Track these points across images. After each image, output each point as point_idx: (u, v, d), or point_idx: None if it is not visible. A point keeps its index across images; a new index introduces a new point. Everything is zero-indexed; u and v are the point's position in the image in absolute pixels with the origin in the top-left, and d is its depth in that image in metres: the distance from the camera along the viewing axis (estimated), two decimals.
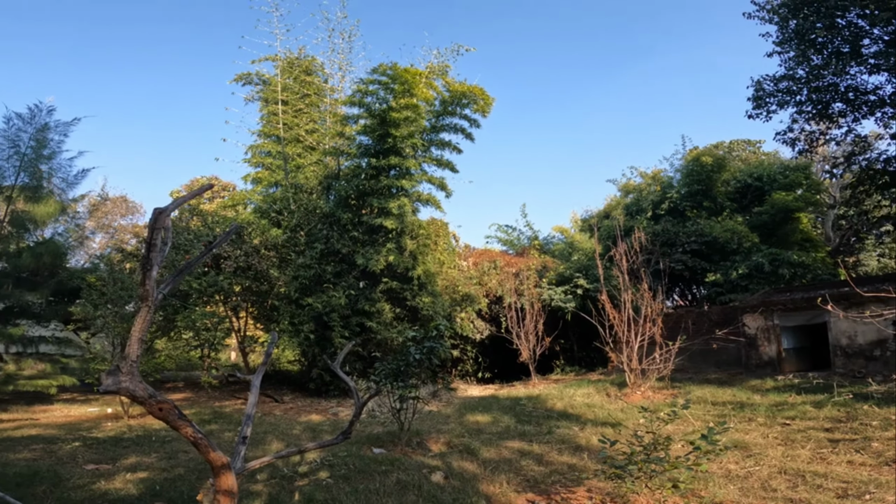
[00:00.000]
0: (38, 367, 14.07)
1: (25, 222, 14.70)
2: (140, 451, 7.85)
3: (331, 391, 14.54)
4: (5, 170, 14.34)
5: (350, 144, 17.78)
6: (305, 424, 10.41)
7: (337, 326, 13.99)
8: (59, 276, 14.84)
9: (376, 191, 15.58)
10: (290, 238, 15.68)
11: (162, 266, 12.53)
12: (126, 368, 3.29)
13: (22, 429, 9.71)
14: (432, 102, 17.02)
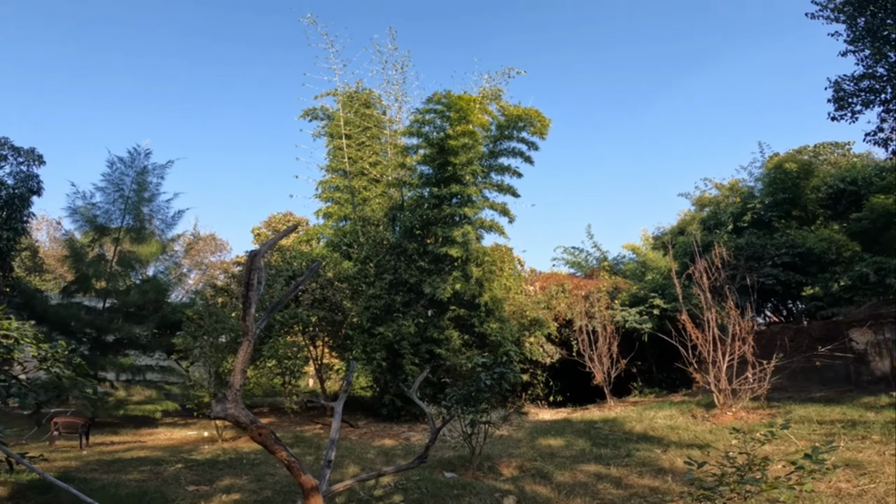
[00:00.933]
0: (145, 393, 15.58)
1: (131, 262, 16.54)
2: (233, 474, 8.40)
3: (402, 416, 14.82)
4: (112, 213, 16.23)
5: (412, 175, 18.23)
6: (379, 448, 10.69)
7: (407, 354, 14.36)
8: (163, 310, 16.49)
9: (440, 220, 15.93)
10: (360, 270, 16.41)
11: None
12: (231, 396, 3.71)
13: (132, 451, 10.64)
14: (488, 128, 17.19)
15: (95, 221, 16.01)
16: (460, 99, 15.69)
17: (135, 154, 16.53)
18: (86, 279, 15.68)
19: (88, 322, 15.20)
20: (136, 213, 16.51)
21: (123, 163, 16.34)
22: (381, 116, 21.34)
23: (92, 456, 9.77)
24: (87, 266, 15.69)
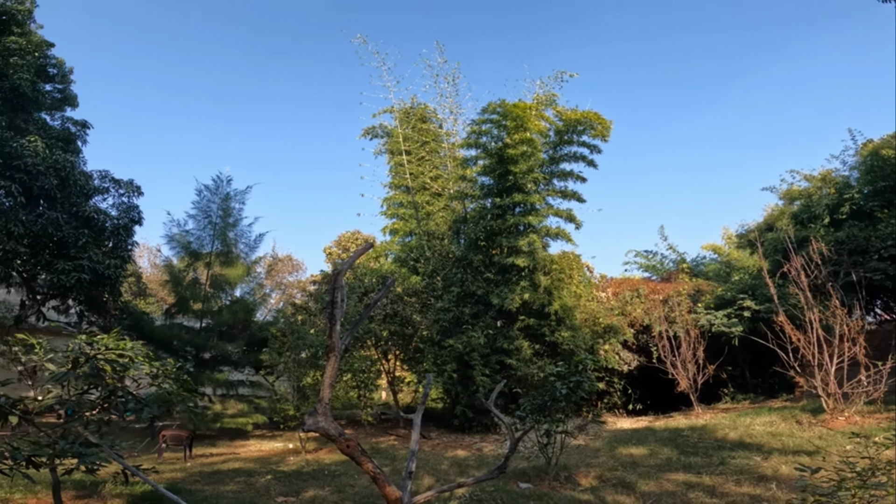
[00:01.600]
0: (237, 406, 16.75)
1: (222, 284, 17.93)
2: (317, 485, 8.77)
3: (474, 427, 14.83)
4: (203, 239, 17.67)
5: (472, 186, 18.30)
6: (452, 460, 10.75)
7: (478, 365, 14.40)
8: (250, 328, 17.73)
9: (504, 230, 15.92)
10: (428, 284, 16.74)
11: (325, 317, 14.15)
12: (321, 410, 3.97)
13: (228, 462, 11.34)
14: (546, 134, 16.96)
15: (189, 247, 17.57)
16: (515, 107, 15.64)
17: (218, 181, 17.91)
18: (184, 301, 17.21)
19: (188, 341, 16.64)
20: (223, 238, 17.88)
21: (209, 190, 17.73)
22: (437, 130, 21.52)
23: (195, 467, 10.49)
24: (185, 289, 17.23)
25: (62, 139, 18.48)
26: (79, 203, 16.51)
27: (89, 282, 15.49)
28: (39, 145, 15.72)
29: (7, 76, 16.05)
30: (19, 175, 14.74)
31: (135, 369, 5.90)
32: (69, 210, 15.94)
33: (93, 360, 5.22)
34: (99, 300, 16.95)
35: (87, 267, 15.26)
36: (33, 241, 14.98)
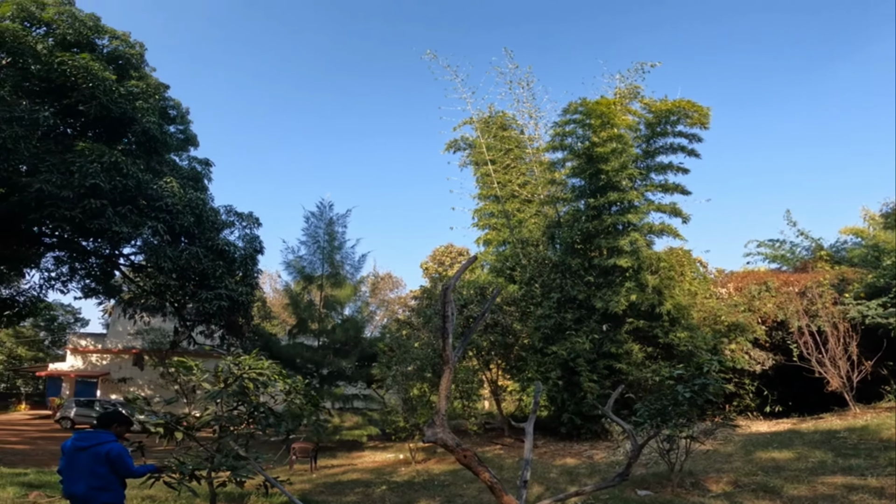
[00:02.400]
0: (353, 419, 17.79)
1: (333, 304, 19.32)
2: (427, 495, 9.02)
3: (583, 434, 14.39)
4: (315, 263, 19.21)
5: (563, 189, 17.88)
6: (561, 468, 10.52)
7: (584, 371, 14.01)
8: (360, 345, 18.88)
9: (601, 231, 15.39)
10: (527, 292, 16.62)
11: (428, 331, 14.55)
12: (438, 421, 4.14)
13: (347, 473, 12.00)
14: (636, 128, 16.23)
15: (303, 272, 19.21)
16: (598, 104, 15.19)
17: (322, 207, 19.46)
18: (303, 322, 18.81)
19: (309, 358, 18.13)
20: (331, 260, 19.34)
21: (315, 216, 19.33)
22: (519, 136, 21.27)
23: (319, 478, 11.20)
24: (303, 311, 18.83)
25: (191, 178, 21.16)
26: (212, 237, 18.84)
27: (227, 308, 17.58)
28: (175, 186, 18.10)
29: (137, 120, 18.18)
30: (162, 215, 17.16)
31: (271, 386, 6.47)
32: (205, 244, 18.24)
33: (240, 379, 5.88)
34: (236, 324, 19.13)
35: (224, 295, 17.35)
36: (180, 275, 17.33)
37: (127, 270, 20.42)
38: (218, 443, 5.88)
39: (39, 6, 18.34)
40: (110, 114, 17.33)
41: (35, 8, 18.09)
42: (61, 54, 16.98)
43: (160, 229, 16.85)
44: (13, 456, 12.31)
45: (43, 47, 17.14)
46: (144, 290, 19.86)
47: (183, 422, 5.81)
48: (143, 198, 16.94)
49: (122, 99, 17.66)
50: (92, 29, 19.22)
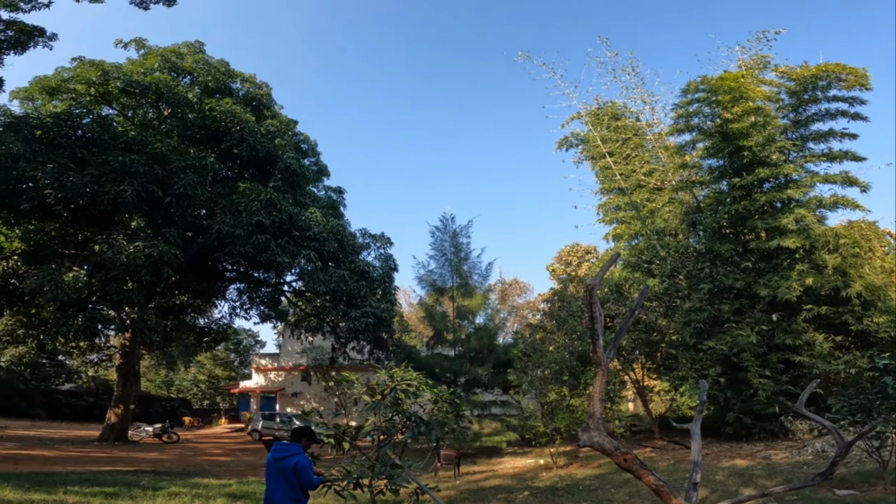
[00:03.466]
0: (492, 426, 17.98)
1: (465, 314, 19.80)
2: (572, 500, 8.74)
3: (754, 435, 13.12)
4: (444, 275, 19.81)
5: (697, 172, 16.53)
6: (729, 469, 9.72)
7: (752, 367, 12.69)
8: (495, 352, 19.09)
9: (754, 211, 13.90)
10: (670, 285, 15.45)
11: (564, 333, 14.19)
12: (593, 424, 4.01)
13: (488, 479, 12.04)
14: (776, 98, 14.91)
15: (435, 285, 20.05)
16: (722, 80, 14.14)
17: (445, 220, 20.10)
18: (440, 333, 19.61)
19: (447, 367, 18.83)
20: (459, 272, 19.87)
21: (440, 230, 20.02)
22: (635, 124, 20.08)
23: (462, 485, 11.35)
24: (438, 322, 19.64)
25: (329, 206, 23.40)
26: (353, 259, 20.67)
27: (373, 324, 19.09)
28: (318, 215, 20.15)
29: (279, 157, 20.48)
30: (312, 243, 19.24)
31: (420, 396, 6.81)
32: (349, 266, 20.08)
33: (394, 391, 6.31)
34: (381, 339, 20.70)
35: (370, 312, 18.88)
36: (332, 296, 19.29)
37: (290, 296, 23.28)
38: (377, 452, 6.21)
39: (178, 56, 21.47)
40: (258, 154, 19.91)
41: (175, 58, 21.18)
42: (209, 101, 19.77)
43: (312, 257, 18.94)
44: (218, 467, 13.90)
45: (192, 95, 20.16)
46: (306, 312, 22.45)
47: (348, 432, 6.29)
48: (295, 229, 19.21)
49: (264, 139, 20.18)
50: (225, 74, 22.19)
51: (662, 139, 19.23)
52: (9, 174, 15.45)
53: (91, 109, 19.00)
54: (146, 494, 7.79)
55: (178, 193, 17.19)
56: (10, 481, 7.74)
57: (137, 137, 17.84)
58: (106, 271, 15.42)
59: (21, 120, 16.84)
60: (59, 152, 16.47)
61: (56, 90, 19.24)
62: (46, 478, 8.78)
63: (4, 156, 15.09)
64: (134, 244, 15.81)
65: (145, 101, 19.90)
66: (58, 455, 14.14)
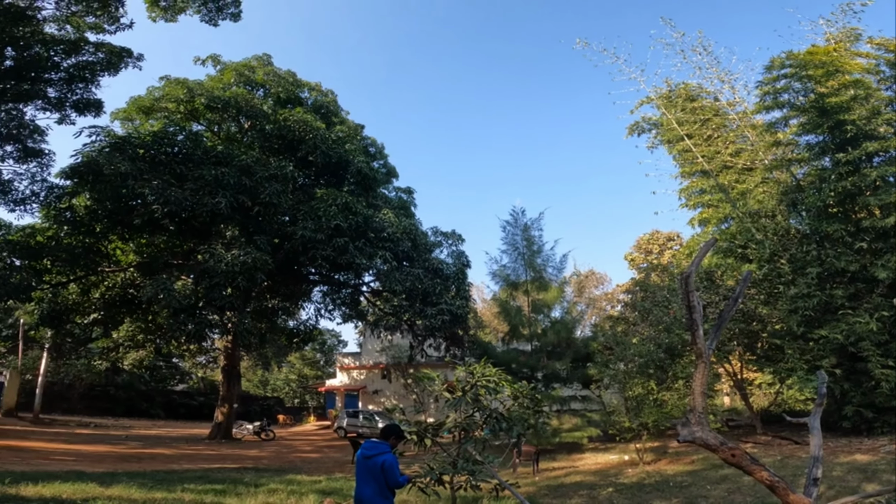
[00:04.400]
0: (572, 421, 17.44)
1: (540, 308, 19.38)
2: (662, 496, 8.26)
3: (875, 428, 12.05)
4: (518, 270, 19.51)
5: (793, 150, 15.37)
6: (849, 465, 8.95)
7: (873, 356, 11.53)
8: (573, 346, 18.51)
9: (865, 187, 12.66)
10: (770, 270, 14.17)
11: (648, 325, 13.41)
12: (695, 419, 3.69)
13: (568, 475, 11.68)
14: (876, 70, 14.01)
15: (508, 279, 19.81)
16: (811, 54, 13.44)
17: (516, 214, 19.85)
18: (515, 328, 19.37)
19: (524, 363, 18.53)
20: (532, 265, 19.51)
21: (511, 225, 19.79)
22: (714, 104, 18.87)
23: (542, 481, 11.09)
24: (513, 317, 19.39)
25: (400, 207, 23.93)
26: (427, 258, 21.00)
27: (449, 321, 19.28)
28: (391, 216, 20.69)
29: (351, 162, 21.21)
30: (387, 244, 19.77)
31: (500, 392, 6.67)
32: (423, 265, 20.42)
33: (474, 387, 6.25)
34: (456, 335, 20.86)
35: (445, 309, 19.08)
36: (408, 295, 19.72)
37: (369, 296, 24.14)
38: (458, 448, 6.24)
39: (250, 69, 22.91)
40: (331, 160, 20.82)
41: (247, 72, 22.63)
42: (282, 111, 20.96)
43: (388, 257, 19.50)
44: (309, 464, 14.47)
45: (267, 107, 21.40)
46: (384, 311, 23.18)
47: (429, 429, 6.32)
48: (370, 231, 19.88)
49: (335, 145, 21.07)
50: (293, 84, 23.43)
51: (748, 118, 17.95)
52: (119, 192, 17.25)
53: (183, 127, 20.79)
54: (249, 491, 8.32)
55: (265, 202, 18.38)
56: (136, 480, 8.59)
57: (225, 151, 19.32)
58: (209, 279, 16.74)
59: (125, 140, 18.55)
60: (160, 169, 18.10)
61: (150, 109, 21.23)
62: (166, 476, 9.63)
63: (115, 175, 16.70)
64: (231, 252, 17.02)
65: (227, 115, 21.51)
66: (175, 453, 15.52)
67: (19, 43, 15.38)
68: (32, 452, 12.72)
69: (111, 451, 14.54)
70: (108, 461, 12.05)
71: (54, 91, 17.03)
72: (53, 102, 17.08)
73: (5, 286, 16.44)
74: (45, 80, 16.66)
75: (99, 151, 17.51)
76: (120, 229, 19.20)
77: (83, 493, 6.97)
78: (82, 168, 17.35)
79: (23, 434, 17.64)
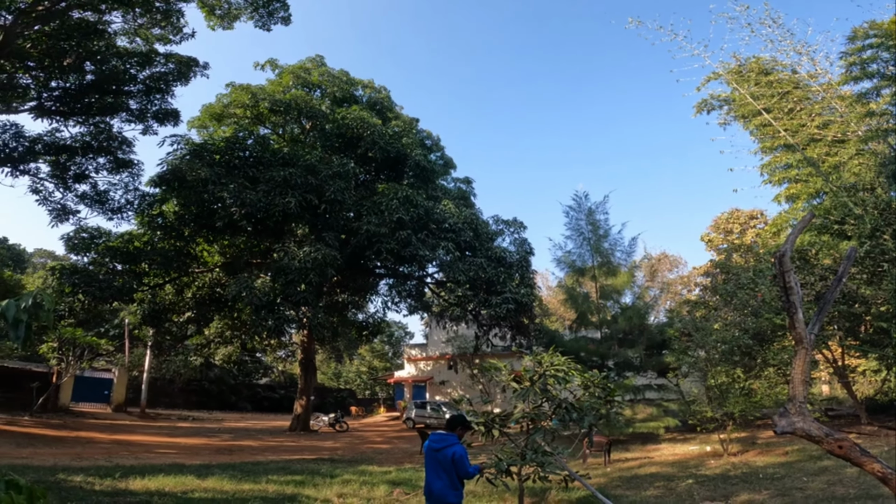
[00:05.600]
0: (646, 411, 16.69)
1: (609, 293, 18.67)
2: (750, 489, 7.67)
3: None
4: (583, 255, 18.94)
5: (888, 119, 14.33)
6: None
7: None
8: (646, 332, 17.67)
9: None
10: (872, 247, 12.73)
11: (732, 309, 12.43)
12: (794, 409, 3.33)
13: (643, 467, 11.14)
14: None
15: (574, 265, 19.26)
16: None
17: (579, 199, 19.26)
18: (583, 315, 18.82)
19: (593, 351, 17.94)
20: (599, 250, 18.84)
21: (574, 210, 19.21)
22: (793, 77, 17.67)
23: (614, 472, 10.67)
24: (581, 304, 18.83)
25: (460, 197, 23.91)
26: (489, 247, 20.88)
27: (514, 310, 19.09)
28: (451, 207, 20.74)
29: (408, 156, 21.56)
30: (449, 234, 19.85)
31: (570, 381, 6.41)
32: (485, 254, 20.32)
33: (543, 377, 6.07)
34: (522, 324, 20.59)
35: (510, 298, 18.91)
36: (472, 285, 19.73)
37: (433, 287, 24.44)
38: (527, 439, 6.07)
39: (305, 71, 23.80)
40: (389, 155, 21.23)
41: (304, 74, 23.53)
42: (339, 110, 21.67)
43: (450, 247, 19.60)
44: (380, 455, 14.81)
45: (325, 107, 22.14)
46: (448, 302, 23.35)
47: (496, 420, 6.17)
48: (432, 222, 20.05)
49: (393, 139, 21.47)
50: (347, 83, 24.12)
51: (834, 89, 16.73)
52: (202, 197, 18.53)
53: (251, 131, 21.97)
54: (325, 482, 8.70)
55: (331, 200, 19.04)
56: (227, 472, 9.21)
57: (290, 152, 20.17)
58: (284, 276, 17.58)
59: (202, 147, 19.95)
60: (235, 173, 19.23)
61: (221, 116, 22.70)
62: (253, 468, 10.23)
63: (196, 181, 17.97)
64: (303, 250, 17.82)
65: (289, 117, 22.57)
66: (260, 445, 16.47)
67: (96, 57, 16.61)
68: (140, 446, 13.97)
69: (207, 444, 15.71)
70: (203, 453, 13.03)
71: (135, 103, 18.44)
72: (136, 114, 18.49)
73: (110, 289, 18.33)
74: (125, 92, 18.02)
75: (181, 159, 18.93)
76: (205, 232, 20.70)
77: (183, 485, 7.58)
78: (168, 176, 18.85)
79: (131, 428, 19.48)
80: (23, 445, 11.80)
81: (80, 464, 9.06)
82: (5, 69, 15.91)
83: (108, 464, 9.34)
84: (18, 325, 2.09)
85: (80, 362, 21.14)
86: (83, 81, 17.27)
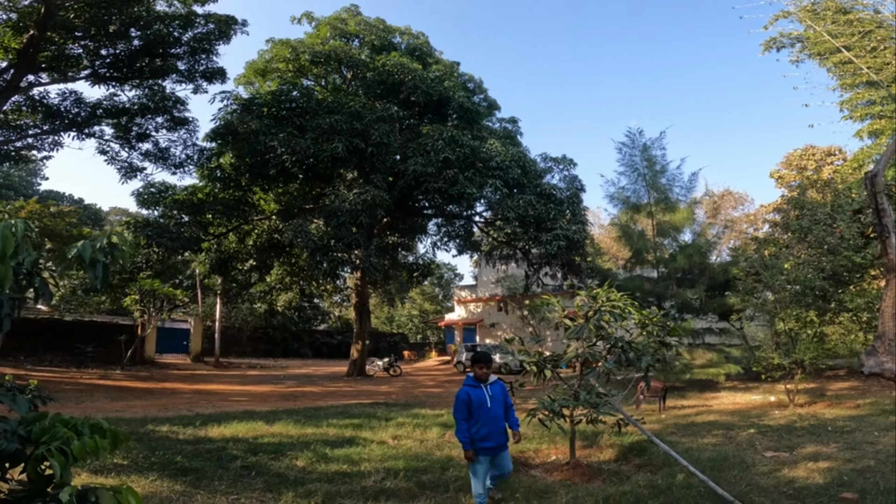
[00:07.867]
0: (706, 356, 15.96)
1: (667, 231, 17.68)
2: (816, 441, 7.33)
3: None
4: (638, 191, 17.85)
5: None
6: None
7: None
8: (708, 272, 16.76)
9: None
10: None
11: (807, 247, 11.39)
12: (883, 348, 3.03)
13: (701, 415, 10.66)
14: None
15: (628, 202, 18.32)
16: None
17: (632, 135, 17.96)
18: (639, 253, 18.04)
19: (649, 291, 17.31)
20: (655, 185, 17.70)
21: (627, 146, 17.96)
22: (875, 17, 15.68)
23: (669, 419, 10.26)
24: (636, 241, 18.05)
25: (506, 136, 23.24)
26: (538, 184, 20.38)
27: (565, 248, 18.74)
28: (498, 145, 20.33)
29: (452, 98, 21.32)
30: (496, 172, 19.53)
31: (627, 319, 5.97)
32: (534, 191, 19.89)
33: (598, 314, 5.84)
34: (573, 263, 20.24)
35: (561, 235, 18.54)
36: (521, 222, 19.47)
37: (481, 226, 24.38)
38: (580, 380, 5.94)
39: (342, 21, 23.65)
40: (432, 98, 20.97)
41: (340, 24, 23.42)
42: (379, 58, 21.49)
43: (498, 185, 19.36)
44: (432, 399, 14.76)
45: (365, 56, 21.96)
46: (497, 240, 23.28)
47: (549, 360, 6.02)
48: (478, 161, 19.78)
49: (434, 83, 21.13)
50: (385, 31, 23.74)
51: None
52: (254, 148, 19.22)
53: (294, 83, 22.11)
54: (381, 425, 9.11)
55: (376, 143, 19.20)
56: (292, 417, 9.73)
57: (334, 101, 20.32)
58: (336, 218, 18.19)
59: (250, 101, 20.72)
60: (283, 123, 19.71)
61: (265, 71, 23.13)
62: (315, 413, 10.73)
63: (248, 133, 18.69)
64: (352, 192, 18.32)
65: (330, 68, 22.67)
66: (320, 391, 17.30)
67: (140, 23, 17.10)
68: (216, 395, 14.98)
69: (274, 391, 16.67)
70: (271, 400, 13.86)
71: (183, 64, 19.11)
72: (185, 74, 19.22)
73: (180, 239, 19.65)
74: (172, 55, 18.64)
75: (232, 114, 19.84)
76: (260, 181, 21.68)
77: (254, 431, 8.14)
78: (222, 130, 19.79)
79: (208, 378, 20.94)
80: (116, 399, 12.94)
81: (166, 414, 9.89)
82: (54, 41, 16.65)
83: (189, 413, 10.19)
84: (95, 265, 2.14)
85: (161, 314, 22.77)
86: (131, 47, 17.94)
